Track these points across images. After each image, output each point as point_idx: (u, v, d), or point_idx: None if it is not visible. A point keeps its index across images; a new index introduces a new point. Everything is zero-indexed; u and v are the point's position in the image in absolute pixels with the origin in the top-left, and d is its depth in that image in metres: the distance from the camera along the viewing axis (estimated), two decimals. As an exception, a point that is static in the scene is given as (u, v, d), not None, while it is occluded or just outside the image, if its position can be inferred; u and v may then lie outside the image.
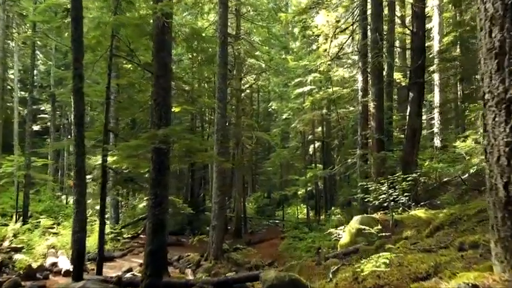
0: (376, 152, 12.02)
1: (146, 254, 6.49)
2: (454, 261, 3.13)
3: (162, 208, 6.61)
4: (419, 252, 4.02)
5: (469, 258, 3.13)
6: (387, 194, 8.41)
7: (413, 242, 4.94)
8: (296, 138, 31.22)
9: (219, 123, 13.93)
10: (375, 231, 4.99)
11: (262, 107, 40.60)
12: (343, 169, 14.54)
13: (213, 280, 8.03)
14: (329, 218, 18.25)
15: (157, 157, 6.65)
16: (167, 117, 6.78)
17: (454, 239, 4.35)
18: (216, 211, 13.86)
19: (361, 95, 13.03)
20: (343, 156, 20.12)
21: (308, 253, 15.51)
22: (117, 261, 13.37)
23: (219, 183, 13.84)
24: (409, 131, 11.99)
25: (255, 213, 31.17)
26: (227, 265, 13.63)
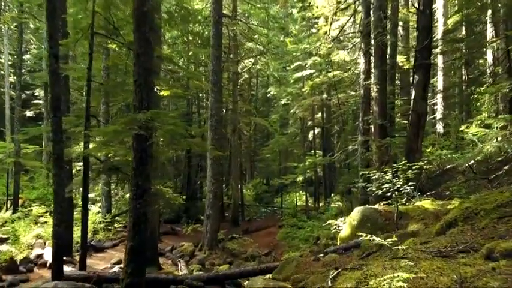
0: (379, 138, 11.38)
1: (127, 250, 5.91)
2: (483, 275, 2.52)
3: (144, 200, 5.99)
4: (435, 257, 3.42)
5: (505, 274, 2.50)
6: (391, 183, 7.79)
7: (424, 241, 4.33)
8: (295, 124, 30.53)
9: (213, 108, 13.26)
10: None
11: (261, 93, 39.87)
12: (344, 156, 13.92)
13: (203, 276, 7.48)
14: (328, 206, 17.74)
15: (138, 144, 6.00)
16: (149, 100, 6.11)
17: (473, 239, 3.74)
18: (211, 200, 13.31)
19: (363, 78, 12.31)
20: (344, 143, 19.49)
21: (306, 243, 15.03)
22: (107, 251, 12.85)
23: (213, 171, 13.25)
24: (413, 116, 11.30)
25: (253, 200, 30.69)
26: (222, 255, 13.14)
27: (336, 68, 20.73)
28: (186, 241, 15.15)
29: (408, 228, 6.64)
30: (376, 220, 7.45)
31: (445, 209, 6.89)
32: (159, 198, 9.46)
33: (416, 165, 7.60)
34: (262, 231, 19.14)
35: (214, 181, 13.23)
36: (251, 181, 35.63)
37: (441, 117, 20.95)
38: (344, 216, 15.71)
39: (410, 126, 11.67)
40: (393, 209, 7.71)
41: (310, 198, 26.12)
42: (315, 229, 15.68)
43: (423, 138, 11.73)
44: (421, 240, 4.49)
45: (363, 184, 9.17)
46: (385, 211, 7.65)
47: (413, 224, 6.74)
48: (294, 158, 28.88)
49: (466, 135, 19.34)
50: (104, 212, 15.39)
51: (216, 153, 8.12)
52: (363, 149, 11.84)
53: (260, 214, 27.42)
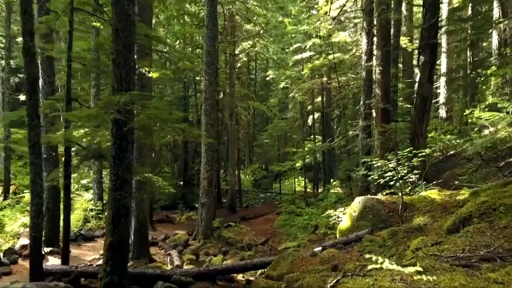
0: (381, 123, 10.79)
1: (106, 247, 5.38)
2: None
3: (124, 192, 5.44)
4: (453, 267, 2.88)
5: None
6: (394, 171, 7.23)
7: (436, 241, 3.80)
8: (295, 108, 29.85)
9: (207, 92, 12.61)
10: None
11: (260, 77, 39.09)
12: (344, 142, 13.35)
13: (192, 271, 6.99)
14: (327, 193, 17.27)
15: (118, 130, 5.41)
16: (129, 80, 5.48)
17: (495, 242, 3.20)
18: (205, 187, 12.78)
19: (364, 59, 11.64)
20: (344, 128, 18.89)
21: (304, 231, 14.59)
22: (98, 241, 12.38)
23: (208, 157, 12.69)
24: (418, 100, 10.68)
25: (252, 186, 30.26)
26: (217, 244, 12.69)
27: (337, 50, 19.98)
28: (181, 229, 14.73)
29: (414, 221, 6.11)
30: (379, 211, 6.93)
31: (454, 200, 6.35)
32: (149, 186, 8.94)
33: (423, 152, 7.04)
34: (259, 218, 18.72)
35: (208, 168, 12.69)
36: (250, 166, 35.15)
37: (444, 102, 20.32)
38: (344, 203, 15.30)
39: (414, 110, 11.06)
40: (397, 199, 7.18)
41: (309, 183, 25.67)
42: (314, 217, 15.24)
43: (428, 123, 11.15)
44: (431, 240, 3.95)
45: (364, 172, 8.63)
46: (388, 202, 7.12)
47: (420, 216, 6.20)
48: (293, 144, 28.35)
49: (471, 119, 18.72)
50: (96, 199, 14.90)
51: (207, 140, 7.55)
52: (364, 135, 11.26)
53: (258, 200, 27.02)
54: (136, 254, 9.80)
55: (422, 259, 3.37)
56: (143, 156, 9.81)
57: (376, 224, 6.79)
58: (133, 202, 10.04)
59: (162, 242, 12.45)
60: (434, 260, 3.21)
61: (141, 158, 9.78)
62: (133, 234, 9.92)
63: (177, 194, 24.37)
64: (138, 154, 9.79)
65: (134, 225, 9.86)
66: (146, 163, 9.95)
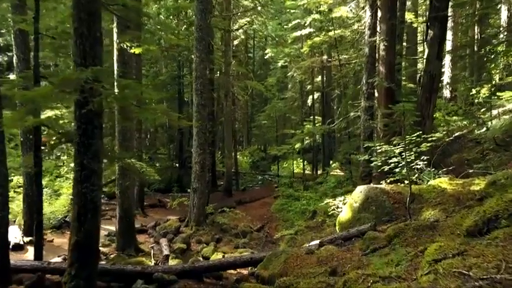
0: (385, 103, 9.99)
1: (70, 247, 4.70)
2: None
3: (91, 184, 4.71)
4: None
5: None
6: (400, 157, 6.49)
7: (458, 251, 3.08)
8: (294, 88, 28.93)
9: (199, 70, 11.74)
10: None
11: (258, 55, 37.99)
12: (344, 124, 12.57)
13: (176, 268, 6.34)
14: (326, 176, 16.61)
15: (82, 113, 4.64)
16: (94, 54, 4.67)
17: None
18: (198, 172, 12.08)
19: (368, 34, 10.73)
20: (344, 109, 18.07)
21: (302, 216, 13.99)
22: (84, 228, 11.77)
23: (199, 140, 11.93)
24: (425, 78, 9.87)
25: (250, 168, 29.61)
26: (210, 232, 12.08)
27: (337, 27, 18.95)
28: (174, 215, 14.12)
29: (423, 215, 5.41)
30: (383, 203, 6.23)
31: (468, 191, 5.64)
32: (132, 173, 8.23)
33: (433, 136, 6.28)
34: (256, 202, 18.10)
35: (200, 151, 11.95)
36: (248, 148, 34.46)
37: (449, 81, 19.44)
38: (343, 188, 14.66)
39: (421, 90, 10.26)
40: (403, 189, 6.48)
41: (308, 165, 25.00)
42: (312, 202, 14.61)
43: (435, 103, 10.37)
44: (451, 247, 3.24)
45: (367, 157, 7.89)
46: (394, 192, 6.41)
47: (429, 209, 5.50)
48: (292, 125, 27.53)
49: (478, 99, 17.83)
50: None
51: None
52: (366, 116, 10.48)
53: (256, 182, 26.42)
54: (122, 244, 9.18)
55: (443, 277, 2.67)
56: (127, 140, 9.05)
57: (380, 217, 6.10)
58: (117, 189, 9.38)
59: (151, 229, 11.82)
60: (460, 281, 2.51)
61: (124, 142, 9.02)
62: (118, 223, 9.29)
63: (172, 177, 23.74)
64: (121, 138, 9.04)
65: (119, 214, 9.20)
66: (130, 147, 9.20)
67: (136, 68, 14.05)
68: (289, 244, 11.01)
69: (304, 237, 11.37)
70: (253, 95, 36.37)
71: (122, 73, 8.94)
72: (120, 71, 8.94)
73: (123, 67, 8.96)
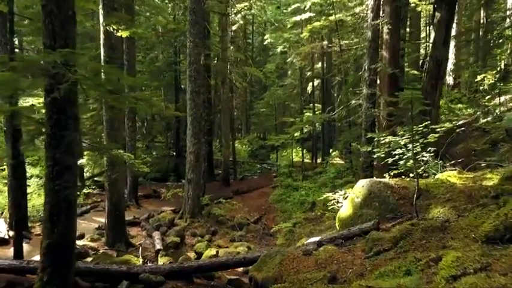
0: (388, 91, 9.47)
1: (42, 250, 4.25)
2: None
3: (64, 181, 4.25)
4: None
5: None
6: (405, 148, 6.01)
7: (481, 266, 2.62)
8: (294, 75, 28.27)
9: (192, 55, 11.18)
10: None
11: (257, 41, 37.26)
12: (345, 112, 12.05)
13: (164, 268, 5.91)
14: (326, 166, 16.15)
15: (53, 101, 4.14)
16: (66, 34, 4.15)
17: None
18: (192, 162, 11.62)
19: (371, 16, 10.12)
20: (345, 97, 17.51)
21: (301, 207, 13.59)
22: (75, 221, 11.35)
23: (194, 129, 11.44)
24: (431, 64, 9.33)
25: (248, 156, 29.17)
26: (205, 224, 11.68)
27: (338, 11, 18.26)
28: (169, 206, 13.70)
29: (431, 213, 4.96)
30: (387, 198, 5.76)
31: (480, 187, 5.17)
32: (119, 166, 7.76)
33: (443, 126, 5.78)
34: (254, 192, 17.70)
35: (195, 141, 11.46)
36: (247, 136, 33.96)
37: (452, 68, 18.84)
38: (343, 178, 14.23)
39: (426, 76, 9.73)
40: (409, 183, 6.01)
41: (307, 154, 24.53)
42: (311, 192, 14.19)
43: (441, 90, 9.85)
44: (470, 259, 2.79)
45: (369, 149, 7.41)
46: (398, 186, 5.94)
47: (438, 207, 5.04)
48: (291, 113, 26.99)
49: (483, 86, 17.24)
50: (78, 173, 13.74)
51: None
52: (368, 104, 9.95)
53: (254, 171, 26.01)
54: (112, 239, 8.77)
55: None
56: (115, 129, 8.56)
57: (384, 214, 5.65)
58: (105, 181, 8.93)
59: (144, 221, 11.41)
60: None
61: (112, 131, 8.53)
62: (107, 217, 8.86)
63: (169, 165, 23.30)
64: (109, 127, 8.54)
65: (108, 207, 8.76)
66: (119, 137, 8.71)
67: (130, 53, 13.46)
68: (287, 237, 10.63)
69: (302, 229, 10.98)
70: (252, 82, 35.73)
71: (109, 58, 8.41)
72: (107, 56, 8.41)
73: (110, 52, 8.41)
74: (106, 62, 8.40)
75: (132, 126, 13.46)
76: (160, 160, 24.25)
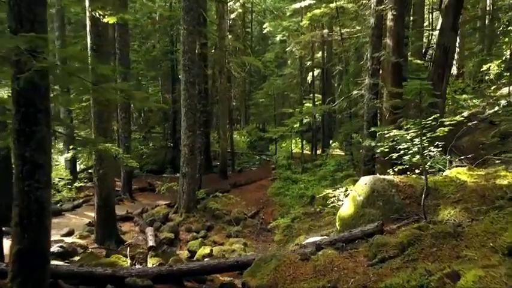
0: (392, 81, 9.01)
1: (11, 257, 3.85)
2: None
3: (35, 181, 3.83)
4: None
5: None
6: (414, 143, 5.58)
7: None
8: (294, 65, 27.67)
9: (186, 43, 10.67)
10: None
11: (256, 30, 36.62)
12: (346, 104, 11.58)
13: (152, 271, 5.51)
14: (326, 158, 15.72)
15: (21, 92, 3.69)
16: (34, 18, 3.68)
17: None
18: (187, 155, 11.19)
19: (374, 2, 9.60)
20: (346, 87, 17.00)
21: (300, 201, 13.20)
22: (66, 215, 10.97)
23: (188, 120, 10.98)
24: (438, 52, 8.85)
25: (247, 147, 28.71)
26: (201, 219, 11.30)
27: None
28: (164, 199, 13.31)
29: (441, 215, 4.55)
30: (391, 197, 5.35)
31: (494, 186, 4.76)
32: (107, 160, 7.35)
33: (453, 119, 5.34)
34: (252, 185, 17.30)
35: (190, 133, 11.02)
36: (246, 127, 33.48)
37: (456, 57, 18.29)
38: (343, 171, 13.79)
39: (433, 65, 9.27)
40: (415, 181, 5.58)
41: (307, 145, 24.09)
42: (310, 186, 13.78)
43: (448, 80, 9.39)
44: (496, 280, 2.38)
45: (372, 143, 6.97)
46: (404, 184, 5.52)
47: (448, 208, 4.63)
48: (291, 104, 26.46)
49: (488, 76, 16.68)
50: (69, 166, 13.32)
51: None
52: (371, 95, 9.47)
53: (253, 163, 25.60)
54: (101, 236, 8.38)
55: None
56: (104, 121, 8.10)
57: (388, 214, 5.24)
58: (94, 176, 8.51)
59: (138, 216, 11.02)
60: None
61: (101, 124, 8.07)
62: (96, 213, 8.46)
63: (166, 157, 22.86)
64: (98, 120, 8.08)
65: (97, 203, 8.35)
66: (108, 130, 8.27)
67: (122, 42, 12.96)
68: (285, 233, 10.26)
69: (301, 225, 10.60)
70: (251, 72, 35.16)
71: (96, 46, 7.93)
72: (94, 44, 7.93)
73: (97, 40, 7.92)
74: (93, 50, 7.93)
75: (125, 118, 13.01)
76: (158, 152, 23.83)
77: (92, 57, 7.94)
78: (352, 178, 10.71)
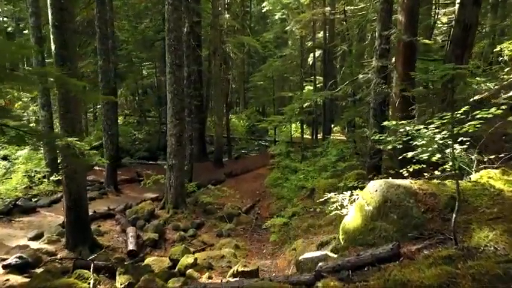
0: (403, 63, 7.87)
1: None
2: None
3: None
4: None
5: None
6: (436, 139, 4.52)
7: None
8: (294, 45, 26.29)
9: (171, 20, 9.47)
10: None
11: (256, 9, 35.08)
12: (351, 89, 10.41)
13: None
14: (327, 147, 14.63)
15: None
16: None
17: None
18: (174, 146, 10.15)
19: (385, -28, 8.36)
20: (349, 69, 15.83)
21: (299, 192, 12.22)
22: (40, 212, 10.00)
23: (175, 108, 9.88)
24: (457, 30, 7.67)
25: (246, 132, 27.62)
26: (190, 215, 10.35)
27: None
28: (152, 192, 12.33)
29: (475, 239, 3.51)
30: (409, 210, 4.30)
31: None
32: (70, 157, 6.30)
33: (488, 112, 4.24)
34: (249, 174, 16.32)
35: (176, 121, 9.93)
36: (245, 110, 32.32)
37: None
38: (346, 163, 12.72)
39: (450, 45, 8.10)
40: (437, 188, 4.52)
41: (307, 129, 22.96)
42: (310, 176, 12.74)
43: (469, 62, 8.23)
44: None
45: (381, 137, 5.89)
46: (424, 192, 4.46)
47: (484, 228, 3.59)
48: (291, 87, 25.22)
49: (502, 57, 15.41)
50: (48, 157, 12.26)
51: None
52: (379, 79, 8.34)
53: (252, 148, 24.57)
54: (73, 242, 7.41)
55: None
56: (71, 111, 7.01)
57: (404, 231, 4.22)
58: (62, 174, 7.48)
59: (120, 213, 10.04)
60: None
61: (68, 113, 6.99)
62: (65, 216, 7.47)
63: (160, 143, 21.82)
64: (64, 109, 6.99)
65: (66, 204, 7.36)
66: (76, 121, 7.18)
67: (102, 20, 11.75)
68: (282, 233, 9.26)
69: (300, 222, 9.61)
70: (250, 53, 33.80)
71: (58, 22, 6.77)
72: (56, 20, 6.77)
73: (60, 15, 6.76)
74: (55, 27, 6.78)
75: (108, 104, 11.90)
76: (152, 137, 22.81)
77: (54, 35, 6.84)
78: (356, 172, 9.68)
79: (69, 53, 6.99)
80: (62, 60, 6.89)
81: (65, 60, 6.92)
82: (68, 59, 6.96)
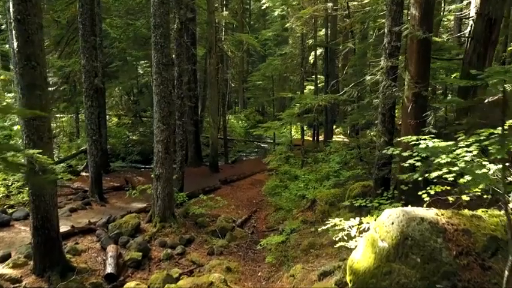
0: (417, 63, 6.94)
1: None
2: None
3: None
4: None
5: None
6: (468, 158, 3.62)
7: None
8: (295, 44, 25.35)
9: (157, 14, 8.56)
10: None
11: (256, 6, 34.23)
12: (356, 92, 9.47)
13: None
14: (329, 153, 13.67)
15: None
16: None
17: None
18: (161, 154, 9.24)
19: (395, -41, 7.43)
20: (352, 67, 14.86)
21: (299, 202, 11.31)
22: (14, 226, 9.06)
23: (162, 112, 8.96)
24: (480, 25, 6.75)
25: (244, 134, 26.70)
26: (179, 229, 9.42)
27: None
28: (140, 202, 11.41)
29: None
30: (437, 251, 3.38)
31: None
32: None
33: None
34: (245, 180, 15.41)
35: (164, 127, 9.01)
36: (243, 111, 31.41)
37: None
38: (350, 170, 11.80)
39: (470, 42, 7.15)
40: (469, 222, 3.59)
41: (308, 130, 22.03)
42: (311, 186, 11.79)
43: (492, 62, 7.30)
44: None
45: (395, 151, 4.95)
46: (454, 229, 3.52)
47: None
48: (291, 87, 24.27)
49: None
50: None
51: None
52: (388, 81, 7.40)
53: (250, 151, 23.68)
54: (40, 265, 6.52)
55: None
56: (37, 117, 6.09)
57: (432, 280, 3.30)
58: (28, 191, 6.57)
59: (102, 228, 9.10)
60: None
61: (33, 121, 6.08)
62: (32, 237, 6.56)
63: (151, 148, 20.93)
64: (28, 117, 6.08)
65: (33, 224, 6.45)
66: (41, 129, 6.25)
67: (85, 15, 10.84)
68: (278, 253, 8.33)
69: (299, 239, 8.67)
70: (249, 51, 32.88)
71: (21, 16, 5.86)
72: (18, 13, 5.86)
73: (22, 7, 5.85)
74: (17, 21, 5.87)
75: (92, 106, 10.98)
76: (148, 138, 21.91)
77: (16, 31, 5.93)
78: (362, 184, 8.74)
79: (34, 51, 6.09)
80: (26, 59, 6.01)
81: (29, 59, 6.03)
82: (33, 58, 6.07)
